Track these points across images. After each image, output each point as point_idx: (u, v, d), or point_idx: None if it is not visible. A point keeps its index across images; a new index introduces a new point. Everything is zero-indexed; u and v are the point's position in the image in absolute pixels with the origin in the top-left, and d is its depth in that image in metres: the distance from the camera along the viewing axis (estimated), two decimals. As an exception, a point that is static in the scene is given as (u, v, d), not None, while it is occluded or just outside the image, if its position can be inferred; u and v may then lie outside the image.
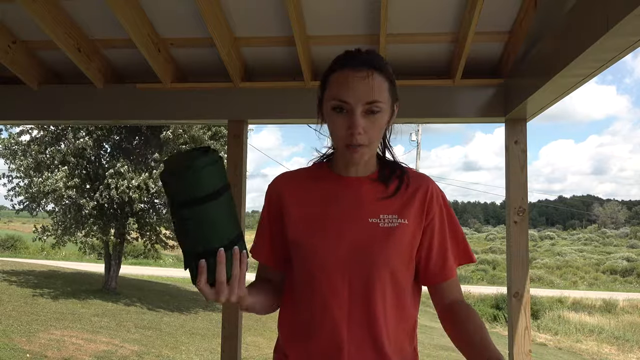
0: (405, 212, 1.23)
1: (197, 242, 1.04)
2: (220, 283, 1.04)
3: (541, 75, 1.96)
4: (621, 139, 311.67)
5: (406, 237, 1.22)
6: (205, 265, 1.03)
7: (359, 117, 1.15)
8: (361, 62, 1.17)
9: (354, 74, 1.16)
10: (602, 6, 1.42)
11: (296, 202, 1.28)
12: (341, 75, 1.18)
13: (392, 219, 1.22)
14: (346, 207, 1.24)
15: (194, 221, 1.03)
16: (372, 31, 2.41)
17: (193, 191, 1.02)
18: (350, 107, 1.16)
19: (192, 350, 7.73)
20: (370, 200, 1.24)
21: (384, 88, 1.17)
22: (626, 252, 34.16)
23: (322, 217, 1.24)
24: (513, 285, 2.46)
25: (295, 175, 1.34)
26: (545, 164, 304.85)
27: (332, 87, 1.19)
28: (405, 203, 1.24)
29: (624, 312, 17.31)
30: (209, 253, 1.03)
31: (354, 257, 1.20)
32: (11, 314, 8.19)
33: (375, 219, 1.22)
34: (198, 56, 2.71)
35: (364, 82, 1.15)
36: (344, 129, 1.17)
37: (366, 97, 1.15)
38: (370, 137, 1.18)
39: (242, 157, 2.74)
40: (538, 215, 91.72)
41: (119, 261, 11.56)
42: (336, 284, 1.20)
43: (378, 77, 1.16)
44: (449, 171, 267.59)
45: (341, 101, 1.16)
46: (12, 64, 2.67)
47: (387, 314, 1.21)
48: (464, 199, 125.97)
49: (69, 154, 10.21)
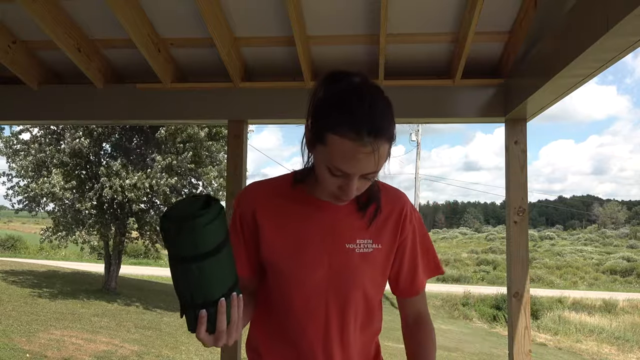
0: (379, 237, 1.26)
1: (197, 294, 1.01)
2: (220, 332, 1.03)
3: (541, 75, 1.96)
4: (621, 139, 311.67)
5: (380, 261, 1.27)
6: (205, 316, 1.01)
7: (355, 183, 1.10)
8: (368, 131, 1.03)
9: (359, 149, 1.04)
10: (602, 6, 1.42)
11: (271, 222, 1.25)
12: (346, 147, 1.05)
13: (367, 243, 1.24)
14: (324, 232, 1.23)
15: (195, 275, 1.00)
16: (372, 31, 2.41)
17: (195, 248, 0.99)
18: (348, 175, 1.09)
19: (192, 350, 7.73)
20: (347, 225, 1.24)
21: (385, 154, 1.09)
22: (626, 252, 34.14)
23: (299, 240, 1.24)
24: (513, 285, 2.46)
25: (268, 191, 1.29)
26: (546, 164, 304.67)
27: (331, 152, 1.07)
28: (380, 227, 1.26)
29: (624, 312, 17.30)
30: (209, 304, 1.02)
31: (331, 282, 1.23)
32: (11, 314, 8.18)
33: (352, 244, 1.23)
34: (198, 56, 2.71)
35: (369, 157, 1.05)
36: (336, 187, 1.13)
37: (367, 170, 1.08)
38: (360, 192, 1.16)
39: (242, 157, 2.74)
40: (538, 215, 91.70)
41: (119, 261, 11.56)
42: (313, 307, 1.24)
43: (382, 146, 1.06)
44: (449, 171, 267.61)
45: (338, 170, 1.08)
46: (12, 64, 2.67)
47: (358, 331, 1.28)
48: (464, 199, 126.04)
49: (66, 155, 10.21)
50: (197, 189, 11.66)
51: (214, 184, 11.29)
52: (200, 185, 11.58)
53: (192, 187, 11.59)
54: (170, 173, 10.42)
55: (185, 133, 10.48)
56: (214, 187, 11.41)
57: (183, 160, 10.34)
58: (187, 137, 10.55)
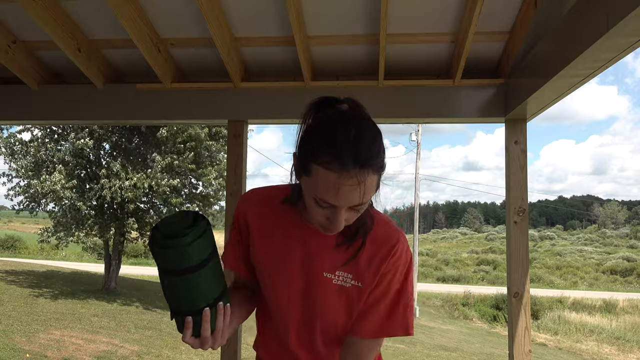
0: (361, 274, 1.21)
1: (183, 302, 1.09)
2: (204, 338, 1.10)
3: (541, 75, 1.96)
4: (622, 139, 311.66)
5: (356, 298, 1.23)
6: (191, 322, 1.08)
7: (342, 215, 1.07)
8: (353, 162, 0.99)
9: (344, 181, 1.00)
10: (602, 6, 1.42)
11: (259, 231, 1.29)
12: (330, 178, 1.01)
13: (346, 277, 1.21)
14: (305, 255, 1.23)
15: (181, 287, 1.07)
16: (372, 31, 2.41)
17: (180, 264, 1.06)
18: (334, 207, 1.06)
19: (192, 350, 7.73)
20: (329, 255, 1.21)
21: (372, 186, 1.05)
22: (626, 252, 34.17)
23: (280, 257, 1.26)
24: (513, 285, 2.46)
25: (266, 201, 1.29)
26: (546, 164, 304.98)
27: (317, 183, 1.04)
28: (364, 266, 1.21)
29: (624, 312, 17.32)
30: (195, 312, 1.09)
31: (303, 306, 1.27)
32: (11, 314, 8.19)
33: (330, 274, 1.22)
34: (198, 56, 2.71)
35: (354, 189, 1.01)
36: (324, 218, 1.10)
37: (353, 202, 1.04)
38: (348, 223, 1.13)
39: (242, 157, 2.74)
40: (538, 215, 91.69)
41: (119, 261, 11.56)
42: (290, 318, 1.29)
43: (369, 177, 1.02)
44: (450, 171, 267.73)
45: (324, 202, 1.05)
46: (12, 64, 2.67)
47: (328, 347, 1.31)
48: (464, 199, 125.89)
49: (68, 154, 10.21)
50: (197, 189, 11.66)
51: (214, 184, 11.30)
52: (200, 185, 11.59)
53: (192, 187, 11.59)
54: (171, 173, 10.42)
55: (186, 133, 10.48)
56: (213, 187, 11.41)
57: (184, 161, 10.34)
58: (188, 137, 10.55)
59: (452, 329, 13.97)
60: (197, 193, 11.60)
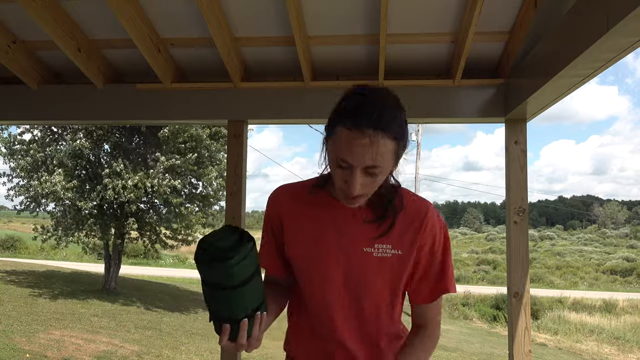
0: (400, 242, 1.28)
1: (222, 311, 1.12)
2: (240, 344, 1.14)
3: (541, 75, 1.96)
4: (622, 139, 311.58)
5: (398, 267, 1.29)
6: (228, 329, 1.12)
7: (358, 176, 1.15)
8: (367, 123, 1.11)
9: (358, 138, 1.11)
10: (602, 6, 1.42)
11: (294, 223, 1.34)
12: (347, 136, 1.13)
13: (386, 249, 1.28)
14: (342, 235, 1.29)
15: (222, 299, 1.11)
16: (372, 31, 2.41)
17: (224, 282, 1.09)
18: (351, 166, 1.15)
19: (192, 350, 7.73)
20: (364, 230, 1.28)
21: (387, 151, 1.13)
22: (626, 252, 34.17)
23: (318, 242, 1.30)
24: (513, 285, 2.46)
25: (294, 193, 1.37)
26: (546, 164, 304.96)
27: (337, 143, 1.16)
28: (401, 232, 1.28)
29: (624, 312, 17.31)
30: (233, 321, 1.12)
31: (348, 284, 1.29)
32: (11, 314, 8.19)
33: (369, 248, 1.27)
34: (198, 56, 2.71)
35: (367, 148, 1.11)
36: (343, 181, 1.19)
37: (366, 162, 1.13)
38: (367, 191, 1.20)
39: (242, 157, 2.74)
40: (538, 215, 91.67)
41: (119, 261, 11.56)
42: (333, 303, 1.31)
43: (382, 140, 1.11)
44: (450, 171, 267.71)
45: (342, 161, 1.15)
46: (12, 64, 2.67)
47: (380, 325, 1.35)
48: (465, 199, 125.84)
49: (67, 156, 10.20)
50: (197, 189, 11.65)
51: (214, 184, 11.29)
52: (200, 185, 11.58)
53: (193, 187, 11.59)
54: (172, 174, 10.42)
55: (187, 133, 10.47)
56: (214, 187, 11.41)
57: (187, 162, 10.34)
58: (189, 137, 10.55)
59: (452, 329, 13.97)
60: (197, 193, 11.60)
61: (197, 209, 11.63)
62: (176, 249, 15.80)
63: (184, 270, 22.26)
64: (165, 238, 11.68)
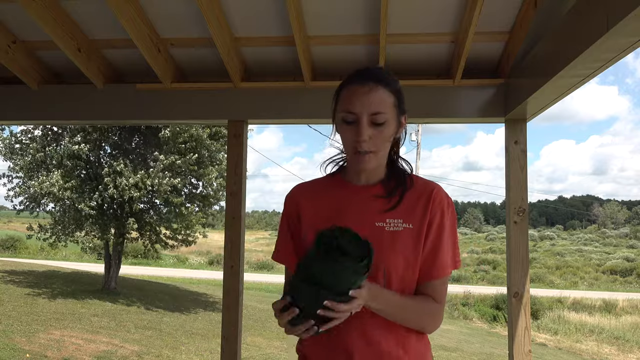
0: (410, 217, 1.33)
1: (300, 301, 1.16)
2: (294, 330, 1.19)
3: (541, 75, 1.96)
4: (622, 139, 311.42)
5: (411, 240, 1.32)
6: (295, 313, 1.17)
7: (365, 126, 1.27)
8: (367, 77, 1.29)
9: (360, 88, 1.28)
10: (602, 6, 1.42)
11: (311, 209, 1.40)
12: (349, 90, 1.30)
13: (397, 223, 1.32)
14: (355, 212, 1.35)
15: (311, 296, 1.14)
16: (372, 31, 2.41)
17: (333, 287, 1.13)
18: (357, 117, 1.27)
19: (192, 350, 7.73)
20: (377, 206, 1.35)
21: (387, 101, 1.29)
22: (626, 252, 34.17)
23: (333, 220, 1.32)
24: (513, 285, 2.46)
25: (311, 186, 1.46)
26: (546, 164, 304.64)
27: (341, 101, 1.32)
28: (410, 208, 1.34)
29: (624, 312, 17.31)
30: (305, 314, 1.17)
31: None
32: (11, 314, 8.19)
33: (381, 222, 1.32)
34: (198, 56, 2.71)
35: (368, 95, 1.27)
36: (352, 137, 1.29)
37: (370, 108, 1.26)
38: (376, 145, 1.29)
39: (242, 157, 2.74)
40: (538, 215, 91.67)
41: (119, 261, 11.56)
42: None
43: (382, 90, 1.28)
44: (450, 171, 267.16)
45: (348, 112, 1.28)
46: (12, 64, 2.67)
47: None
48: (465, 199, 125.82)
49: (65, 157, 10.18)
50: (197, 189, 11.65)
51: (214, 184, 11.29)
52: (200, 185, 11.58)
53: (193, 187, 11.59)
54: (172, 173, 10.41)
55: (187, 133, 10.47)
56: (214, 187, 11.41)
57: (187, 162, 10.34)
58: (189, 137, 10.55)
59: (452, 329, 13.97)
60: (197, 193, 11.59)
61: (197, 209, 11.63)
62: (176, 249, 15.79)
63: (184, 270, 22.27)
64: (165, 238, 11.68)
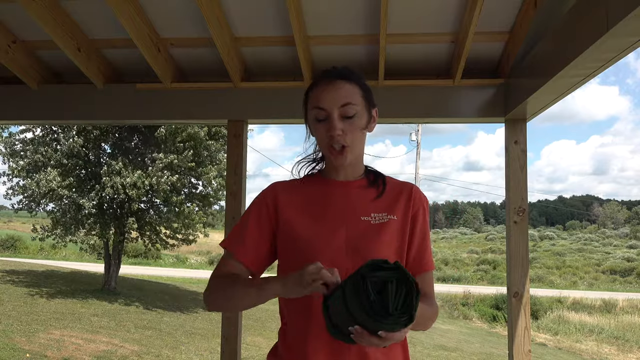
0: (393, 209, 1.36)
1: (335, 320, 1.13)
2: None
3: (541, 75, 1.97)
4: (623, 139, 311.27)
5: (396, 231, 1.35)
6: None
7: (337, 120, 1.29)
8: (333, 75, 1.33)
9: (327, 85, 1.31)
10: (602, 6, 1.42)
11: (292, 205, 1.38)
12: (318, 88, 1.33)
13: (382, 216, 1.35)
14: (339, 207, 1.35)
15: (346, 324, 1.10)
16: (372, 31, 2.41)
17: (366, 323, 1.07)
18: (327, 113, 1.30)
19: (192, 350, 7.73)
20: (361, 201, 1.37)
21: (355, 93, 1.32)
22: (626, 252, 34.16)
23: (317, 216, 1.35)
24: (513, 285, 2.46)
25: (289, 183, 1.45)
26: (547, 164, 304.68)
27: (311, 101, 1.34)
28: (392, 201, 1.37)
29: (624, 312, 17.31)
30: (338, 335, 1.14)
31: (349, 252, 1.30)
32: (11, 314, 8.19)
33: (366, 217, 1.34)
34: (198, 56, 2.71)
35: (336, 90, 1.30)
36: (325, 133, 1.30)
37: (339, 101, 1.29)
38: (350, 139, 1.31)
39: (242, 157, 2.74)
40: (538, 215, 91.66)
41: (119, 261, 11.55)
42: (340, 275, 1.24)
43: (349, 85, 1.32)
44: (451, 171, 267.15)
45: (319, 108, 1.31)
46: (12, 63, 2.67)
47: None
48: (465, 199, 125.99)
49: (64, 156, 10.18)
50: (196, 189, 11.64)
51: (214, 183, 11.29)
52: (200, 185, 11.57)
53: (192, 187, 11.58)
54: (171, 171, 10.41)
55: (185, 132, 10.47)
56: (213, 187, 11.41)
57: (184, 159, 10.33)
58: (187, 136, 10.54)
59: (452, 328, 13.97)
60: (197, 193, 11.59)
61: (197, 208, 11.62)
62: (176, 249, 15.78)
63: (184, 270, 22.26)
64: (165, 237, 11.67)
